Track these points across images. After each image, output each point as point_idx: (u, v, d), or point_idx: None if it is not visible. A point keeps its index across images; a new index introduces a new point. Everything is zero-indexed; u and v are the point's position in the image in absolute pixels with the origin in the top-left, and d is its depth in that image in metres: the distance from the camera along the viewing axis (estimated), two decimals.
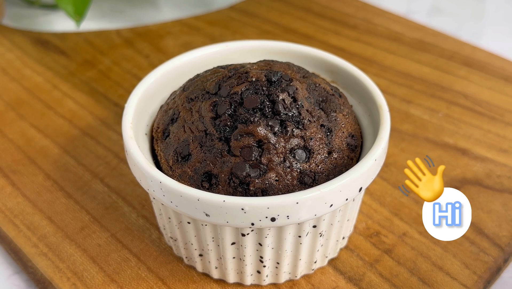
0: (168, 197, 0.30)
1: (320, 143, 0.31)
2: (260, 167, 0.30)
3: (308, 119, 0.31)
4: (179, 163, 0.31)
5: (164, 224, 0.34)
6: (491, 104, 0.49)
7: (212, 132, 0.31)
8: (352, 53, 0.56)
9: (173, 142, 0.32)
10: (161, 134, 0.34)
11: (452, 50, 0.56)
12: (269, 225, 0.29)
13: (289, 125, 0.30)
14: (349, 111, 0.34)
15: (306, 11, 0.64)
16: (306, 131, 0.31)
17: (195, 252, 0.34)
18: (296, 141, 0.30)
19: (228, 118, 0.30)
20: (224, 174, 0.30)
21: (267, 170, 0.30)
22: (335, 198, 0.30)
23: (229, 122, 0.30)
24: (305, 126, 0.31)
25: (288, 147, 0.30)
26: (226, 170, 0.30)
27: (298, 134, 0.31)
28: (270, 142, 0.30)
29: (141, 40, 0.59)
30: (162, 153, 0.33)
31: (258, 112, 0.30)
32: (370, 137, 0.34)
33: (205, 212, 0.29)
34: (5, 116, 0.49)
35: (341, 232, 0.34)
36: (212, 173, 0.30)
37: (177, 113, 0.33)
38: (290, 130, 0.30)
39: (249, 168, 0.30)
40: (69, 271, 0.36)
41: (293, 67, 0.35)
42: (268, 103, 0.31)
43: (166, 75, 0.37)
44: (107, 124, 0.47)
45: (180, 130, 0.32)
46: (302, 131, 0.31)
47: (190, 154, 0.31)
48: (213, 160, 0.30)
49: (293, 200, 0.28)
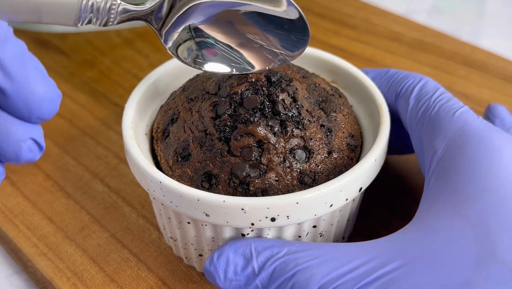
0: (168, 197, 0.30)
1: (320, 143, 0.31)
2: (260, 167, 0.30)
3: (308, 119, 0.31)
4: (179, 163, 0.31)
5: (164, 224, 0.34)
6: None
7: (212, 132, 0.31)
8: (352, 53, 0.56)
9: (173, 143, 0.32)
10: (161, 135, 0.34)
11: (452, 50, 0.56)
12: (269, 225, 0.29)
13: (289, 125, 0.30)
14: (349, 111, 0.34)
15: (306, 11, 0.64)
16: (306, 132, 0.31)
17: (195, 252, 0.34)
18: (296, 141, 0.30)
19: (228, 119, 0.30)
20: (224, 174, 0.30)
21: (267, 170, 0.30)
22: (335, 198, 0.30)
23: (229, 122, 0.30)
24: (305, 127, 0.31)
25: (288, 147, 0.30)
26: (226, 170, 0.30)
27: (298, 135, 0.31)
28: (270, 142, 0.30)
29: (141, 40, 0.59)
30: (162, 153, 0.33)
31: (258, 113, 0.30)
32: (370, 138, 0.34)
33: (205, 212, 0.29)
34: None
35: (341, 232, 0.34)
36: (212, 173, 0.30)
37: (177, 113, 0.33)
38: (290, 130, 0.30)
39: (249, 168, 0.30)
40: (69, 271, 0.36)
41: (293, 67, 0.35)
42: (268, 103, 0.31)
43: (166, 75, 0.37)
44: (107, 125, 0.47)
45: (180, 131, 0.32)
46: (302, 132, 0.31)
47: (190, 154, 0.31)
48: (213, 160, 0.30)
49: (293, 200, 0.28)
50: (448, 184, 0.29)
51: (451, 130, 0.30)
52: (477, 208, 0.27)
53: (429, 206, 0.29)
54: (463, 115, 0.31)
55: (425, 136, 0.32)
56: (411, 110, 0.33)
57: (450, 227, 0.27)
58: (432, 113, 0.32)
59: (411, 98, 0.34)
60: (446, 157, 0.30)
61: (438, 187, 0.29)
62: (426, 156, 0.32)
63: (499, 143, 0.29)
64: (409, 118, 0.33)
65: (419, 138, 0.33)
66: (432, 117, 0.32)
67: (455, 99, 0.33)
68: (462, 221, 0.27)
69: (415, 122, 0.33)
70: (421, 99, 0.33)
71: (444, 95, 0.33)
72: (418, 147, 0.33)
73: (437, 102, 0.32)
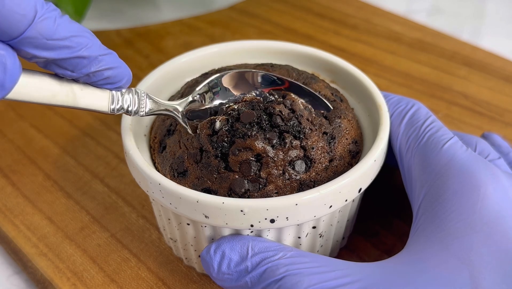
0: (167, 199, 0.30)
1: (321, 152, 0.31)
2: (259, 181, 0.30)
3: (309, 128, 0.31)
4: (176, 178, 0.31)
5: (164, 225, 0.34)
6: (491, 105, 0.49)
7: (208, 149, 0.30)
8: (352, 53, 0.56)
9: (169, 158, 0.32)
10: (158, 146, 0.33)
11: (452, 50, 0.56)
12: (269, 226, 0.29)
13: (287, 136, 0.30)
14: (352, 115, 0.34)
15: (306, 11, 0.64)
16: (307, 140, 0.31)
17: (195, 253, 0.34)
18: (295, 152, 0.30)
19: (225, 134, 0.30)
20: (223, 190, 0.30)
21: (266, 183, 0.30)
22: (334, 199, 0.30)
23: (226, 138, 0.30)
24: (306, 136, 0.31)
25: (287, 159, 0.30)
26: (224, 186, 0.30)
27: (298, 145, 0.30)
28: (269, 156, 0.30)
29: (141, 40, 0.59)
30: (160, 166, 0.33)
31: (255, 126, 0.30)
32: (370, 138, 0.34)
33: (204, 213, 0.29)
34: (5, 116, 0.49)
35: (341, 232, 0.34)
36: (210, 188, 0.30)
37: (174, 125, 0.33)
38: (288, 141, 0.30)
39: (248, 183, 0.30)
40: (69, 271, 0.36)
41: (292, 72, 0.35)
42: (265, 116, 0.31)
43: (165, 75, 0.37)
44: (107, 125, 0.47)
45: (175, 146, 0.32)
46: (303, 141, 0.30)
47: (186, 170, 0.31)
48: (210, 177, 0.30)
49: (292, 202, 0.28)
50: (435, 218, 0.30)
51: (439, 164, 0.31)
52: (462, 245, 0.28)
53: (418, 238, 0.30)
54: (451, 148, 0.32)
55: (413, 166, 0.33)
56: (401, 137, 0.34)
57: (438, 263, 0.28)
58: (421, 143, 0.33)
59: (402, 125, 0.34)
60: (433, 190, 0.31)
61: (425, 220, 0.30)
62: (414, 187, 0.32)
63: (485, 180, 0.30)
64: (399, 145, 0.34)
65: (407, 167, 0.33)
66: (421, 148, 0.33)
67: (445, 129, 0.33)
68: (449, 256, 0.28)
69: (405, 150, 0.33)
70: (411, 127, 0.34)
71: (435, 124, 0.34)
72: (407, 176, 0.33)
73: (427, 132, 0.33)
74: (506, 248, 0.27)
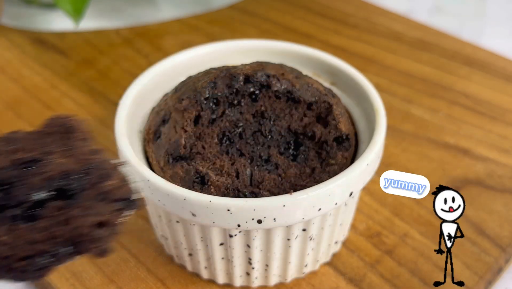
0: (155, 196, 0.30)
1: (312, 154, 0.31)
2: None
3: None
4: (170, 164, 0.31)
5: (156, 222, 0.34)
6: (492, 104, 0.49)
7: (204, 132, 0.31)
8: (352, 52, 0.56)
9: (164, 143, 0.32)
10: (152, 136, 0.33)
11: (453, 49, 0.56)
12: (256, 227, 0.29)
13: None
14: (342, 111, 0.34)
15: (307, 11, 0.64)
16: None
17: (185, 251, 0.33)
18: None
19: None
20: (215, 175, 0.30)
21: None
22: (324, 202, 0.29)
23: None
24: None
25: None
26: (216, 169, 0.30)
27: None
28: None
29: (141, 40, 0.59)
30: (154, 154, 0.33)
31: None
32: (366, 141, 0.34)
33: (192, 211, 0.29)
34: (4, 116, 0.49)
35: (334, 236, 0.34)
36: (202, 172, 0.30)
37: (168, 114, 0.33)
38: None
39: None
40: (68, 272, 0.35)
41: (285, 68, 0.35)
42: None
43: (161, 73, 0.37)
44: (106, 124, 0.47)
45: (171, 131, 0.32)
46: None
47: (181, 154, 0.31)
48: (203, 161, 0.30)
49: (280, 203, 0.28)
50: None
51: None
52: None
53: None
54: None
55: None
56: None
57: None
58: None
59: None
60: None
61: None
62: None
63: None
64: None
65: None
66: None
67: None
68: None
69: None
70: None
71: None
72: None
73: None
74: None
